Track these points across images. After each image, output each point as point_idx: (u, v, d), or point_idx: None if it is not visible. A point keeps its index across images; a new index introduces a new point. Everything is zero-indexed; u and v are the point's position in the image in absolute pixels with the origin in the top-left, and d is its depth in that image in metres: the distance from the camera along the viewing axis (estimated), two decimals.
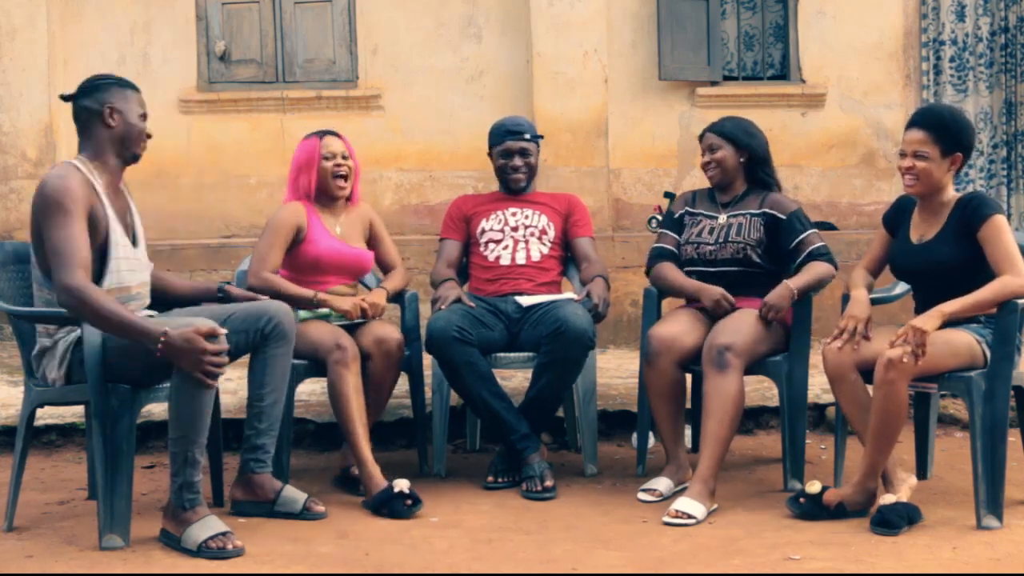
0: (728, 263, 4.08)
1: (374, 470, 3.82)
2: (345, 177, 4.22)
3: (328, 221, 4.20)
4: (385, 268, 4.37)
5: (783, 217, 4.09)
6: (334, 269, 4.16)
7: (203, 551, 3.26)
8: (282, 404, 3.69)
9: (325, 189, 4.20)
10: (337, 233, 4.20)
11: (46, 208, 3.33)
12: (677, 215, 4.28)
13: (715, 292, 4.02)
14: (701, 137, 4.25)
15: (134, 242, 3.55)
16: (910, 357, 3.44)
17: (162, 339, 3.22)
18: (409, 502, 3.69)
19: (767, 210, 4.10)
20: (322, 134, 4.26)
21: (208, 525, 3.31)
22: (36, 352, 3.53)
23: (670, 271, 4.17)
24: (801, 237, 4.06)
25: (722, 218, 4.15)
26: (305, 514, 3.66)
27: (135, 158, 3.57)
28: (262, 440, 3.66)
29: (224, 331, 3.30)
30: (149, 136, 3.58)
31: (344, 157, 4.22)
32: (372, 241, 4.34)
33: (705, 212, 4.21)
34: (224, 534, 3.29)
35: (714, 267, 4.10)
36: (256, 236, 6.34)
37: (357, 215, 4.31)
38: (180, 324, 3.29)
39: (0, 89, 6.46)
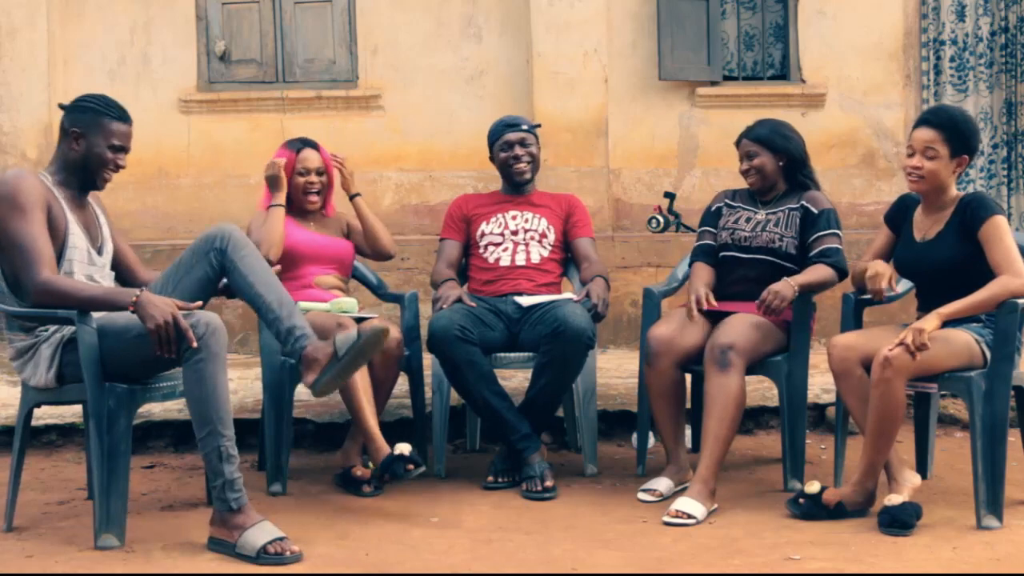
0: (762, 251, 4.10)
1: (381, 442, 3.83)
2: (318, 193, 4.33)
3: (301, 222, 4.33)
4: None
5: (815, 211, 4.12)
6: (312, 258, 4.23)
7: (262, 557, 3.20)
8: (284, 292, 3.48)
9: (296, 202, 4.33)
10: (310, 229, 4.33)
11: (2, 207, 3.33)
12: (714, 208, 4.34)
13: (693, 293, 4.04)
14: (738, 143, 4.25)
15: (99, 251, 3.55)
16: (903, 350, 3.46)
17: (135, 298, 3.26)
18: (411, 466, 3.70)
19: (804, 203, 4.15)
20: (300, 147, 4.34)
21: (264, 530, 3.25)
22: (12, 355, 3.51)
23: (695, 274, 4.20)
24: (820, 234, 4.09)
25: (761, 214, 4.20)
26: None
27: (93, 185, 3.54)
28: (293, 321, 3.45)
29: (198, 304, 3.31)
30: (120, 167, 3.53)
31: (319, 173, 4.33)
32: (351, 232, 4.43)
33: (744, 206, 4.26)
34: (282, 539, 3.24)
35: (747, 253, 4.12)
36: None
37: (332, 220, 4.44)
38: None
39: (0, 89, 6.46)
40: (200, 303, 3.34)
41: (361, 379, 3.88)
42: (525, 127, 4.50)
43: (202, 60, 6.72)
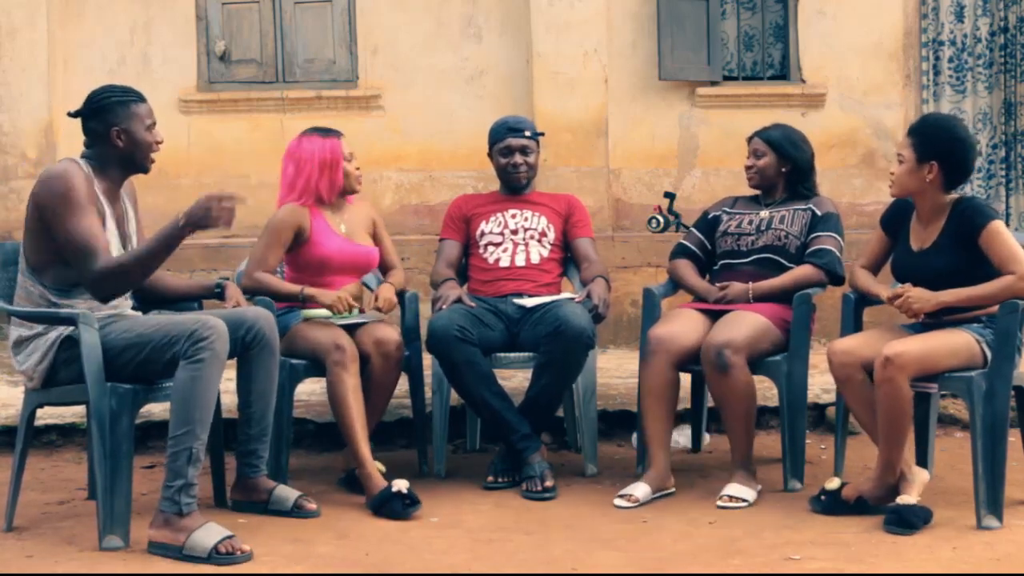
0: (765, 250, 4.13)
1: (373, 470, 3.83)
2: (360, 179, 4.27)
3: (332, 220, 4.18)
4: (384, 268, 4.38)
5: (820, 214, 4.17)
6: (341, 269, 4.16)
7: (214, 557, 3.20)
8: (272, 409, 3.70)
9: (346, 188, 4.20)
10: (342, 231, 4.19)
11: (56, 203, 3.35)
12: (711, 216, 4.36)
13: (713, 289, 4.14)
14: (750, 139, 4.32)
15: (125, 247, 3.54)
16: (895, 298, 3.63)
17: (181, 219, 3.38)
18: (408, 502, 3.69)
19: (811, 206, 4.20)
20: (336, 134, 4.23)
21: (212, 530, 3.26)
22: (14, 342, 3.51)
23: (683, 268, 4.31)
24: (818, 234, 4.12)
25: (764, 212, 4.23)
26: (296, 512, 3.69)
27: (144, 170, 3.57)
28: (253, 445, 3.71)
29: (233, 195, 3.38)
30: (160, 142, 3.56)
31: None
32: (373, 240, 4.34)
33: (745, 210, 4.30)
34: (231, 537, 3.26)
35: (747, 258, 4.15)
36: (256, 236, 6.34)
37: (360, 212, 4.31)
38: (165, 322, 3.37)
39: (0, 89, 6.46)
40: (192, 315, 3.37)
41: (355, 403, 3.87)
42: (528, 134, 4.47)
43: (202, 60, 6.71)
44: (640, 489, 3.86)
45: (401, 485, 3.73)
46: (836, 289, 4.29)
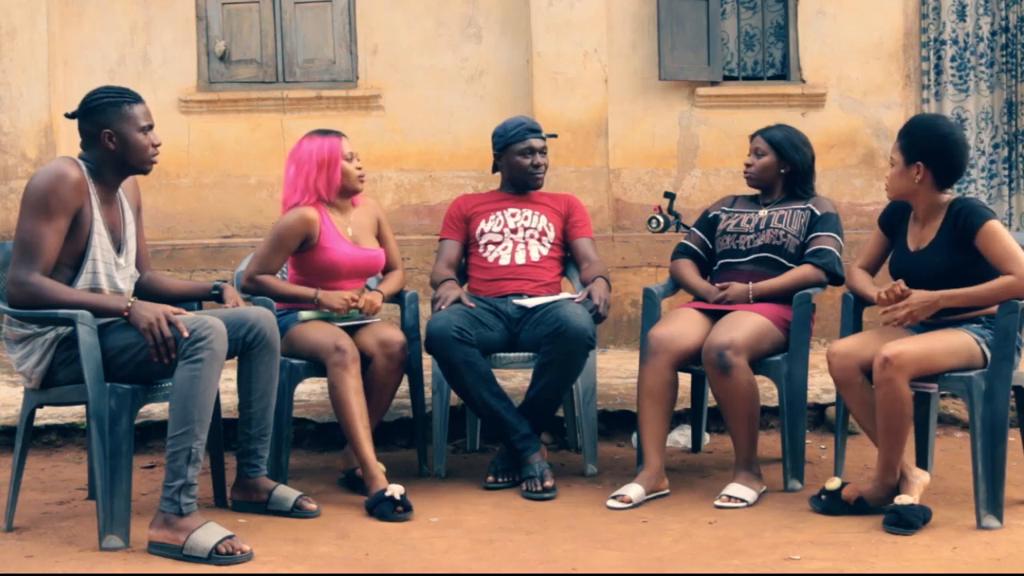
0: (764, 249, 4.14)
1: (376, 471, 3.83)
2: (362, 178, 4.25)
3: (339, 222, 4.17)
4: (385, 268, 4.38)
5: (819, 213, 4.17)
6: (349, 274, 4.17)
7: (215, 557, 3.21)
8: (272, 409, 3.71)
9: (347, 187, 4.18)
10: (349, 235, 4.18)
11: (28, 200, 3.37)
12: (711, 215, 4.37)
13: (713, 289, 4.14)
14: (752, 137, 4.32)
15: (119, 251, 3.54)
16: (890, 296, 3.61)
17: (129, 303, 3.34)
18: (400, 508, 3.69)
19: (810, 206, 4.20)
20: (337, 134, 4.23)
21: (212, 530, 3.26)
22: (12, 342, 3.50)
23: (684, 268, 4.32)
24: (817, 234, 4.13)
25: (763, 211, 4.24)
26: (296, 512, 3.69)
27: (142, 171, 3.55)
28: (253, 445, 3.72)
29: (182, 325, 3.30)
30: (157, 145, 3.53)
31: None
32: (378, 240, 4.34)
33: (744, 209, 4.30)
34: (231, 537, 3.26)
35: (750, 255, 4.15)
36: (256, 236, 6.35)
37: (365, 212, 4.30)
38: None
39: (0, 89, 6.46)
40: (183, 330, 3.31)
41: (357, 403, 3.87)
42: (545, 135, 4.52)
43: (202, 60, 6.72)
44: (633, 490, 3.85)
45: (395, 490, 3.72)
46: (836, 289, 4.29)
